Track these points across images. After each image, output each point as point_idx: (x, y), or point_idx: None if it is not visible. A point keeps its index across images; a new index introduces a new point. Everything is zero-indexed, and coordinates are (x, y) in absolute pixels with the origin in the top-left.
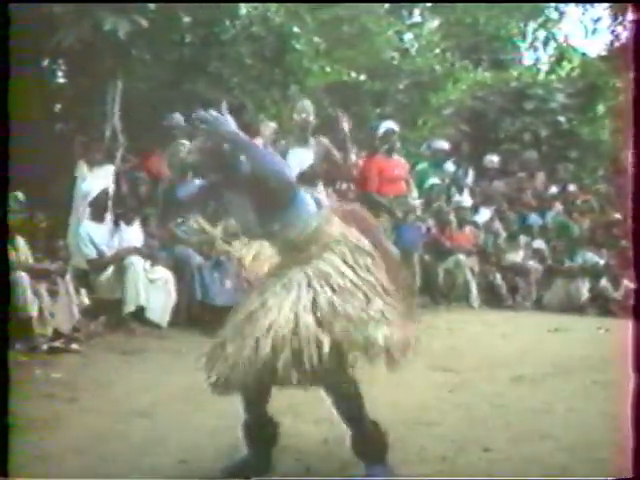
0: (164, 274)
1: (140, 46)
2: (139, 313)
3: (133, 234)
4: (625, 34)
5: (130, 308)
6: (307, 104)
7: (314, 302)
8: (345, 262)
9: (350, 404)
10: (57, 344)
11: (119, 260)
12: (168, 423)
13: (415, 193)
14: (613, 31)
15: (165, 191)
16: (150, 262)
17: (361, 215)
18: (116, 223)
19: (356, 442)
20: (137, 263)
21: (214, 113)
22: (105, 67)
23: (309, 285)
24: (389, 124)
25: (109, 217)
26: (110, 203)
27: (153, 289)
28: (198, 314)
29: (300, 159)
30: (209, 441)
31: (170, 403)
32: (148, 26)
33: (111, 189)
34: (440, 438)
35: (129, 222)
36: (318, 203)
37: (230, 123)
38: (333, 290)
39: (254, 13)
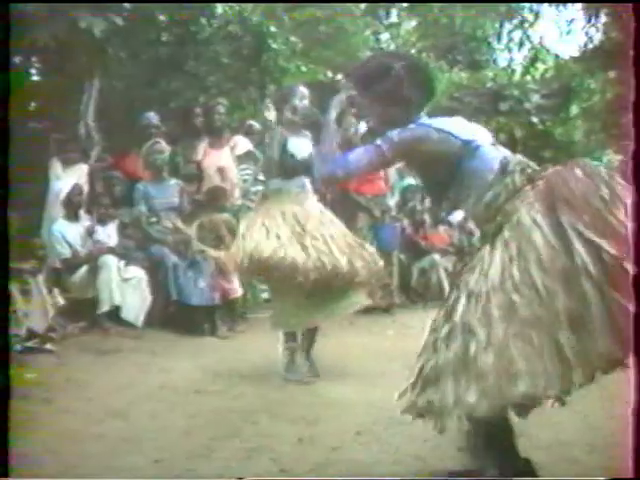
0: (138, 273)
1: (116, 44)
2: (114, 313)
3: (108, 233)
4: (598, 36)
5: (104, 308)
6: (305, 90)
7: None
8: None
9: None
10: (31, 344)
11: (93, 260)
12: (143, 423)
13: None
14: (587, 33)
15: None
16: (124, 262)
17: (568, 180)
18: (90, 222)
19: None
20: (111, 263)
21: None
22: (80, 65)
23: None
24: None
25: (83, 216)
26: (84, 202)
27: (128, 289)
28: (173, 314)
29: (300, 149)
30: (184, 441)
31: (145, 403)
32: (124, 24)
33: (85, 188)
34: (414, 438)
35: (104, 221)
36: (504, 164)
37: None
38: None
39: (231, 12)
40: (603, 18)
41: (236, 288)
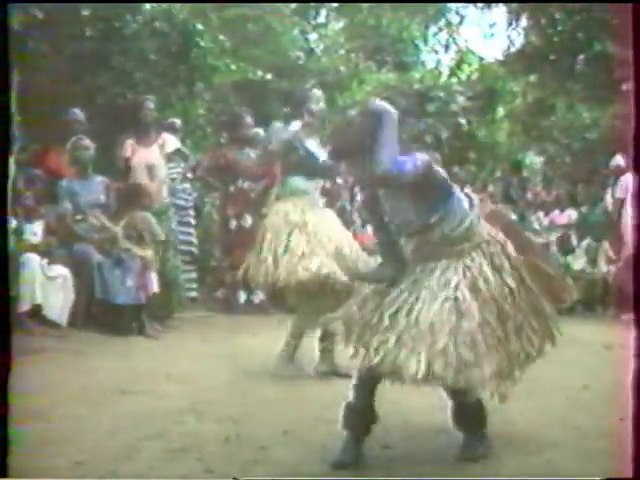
0: (62, 272)
1: (36, 37)
2: (36, 312)
3: (33, 231)
4: (520, 39)
5: (25, 307)
6: (319, 93)
7: (458, 310)
8: (493, 265)
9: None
10: None
11: (14, 257)
12: (66, 424)
13: None
14: (509, 36)
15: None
16: (47, 260)
17: (505, 216)
18: (16, 220)
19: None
20: (33, 260)
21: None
22: None
23: (457, 288)
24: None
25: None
26: (8, 199)
27: (51, 287)
28: (98, 313)
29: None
30: (108, 442)
31: (69, 404)
32: (44, 17)
33: (10, 184)
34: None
35: (29, 219)
36: (470, 201)
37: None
38: (476, 298)
39: (158, 9)
40: (524, 22)
41: (153, 287)
